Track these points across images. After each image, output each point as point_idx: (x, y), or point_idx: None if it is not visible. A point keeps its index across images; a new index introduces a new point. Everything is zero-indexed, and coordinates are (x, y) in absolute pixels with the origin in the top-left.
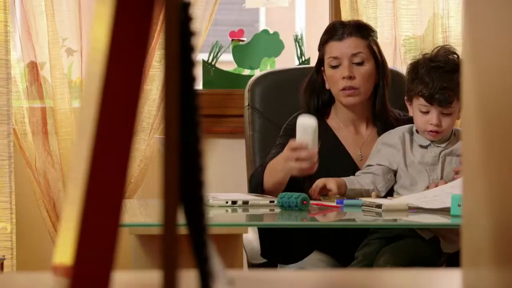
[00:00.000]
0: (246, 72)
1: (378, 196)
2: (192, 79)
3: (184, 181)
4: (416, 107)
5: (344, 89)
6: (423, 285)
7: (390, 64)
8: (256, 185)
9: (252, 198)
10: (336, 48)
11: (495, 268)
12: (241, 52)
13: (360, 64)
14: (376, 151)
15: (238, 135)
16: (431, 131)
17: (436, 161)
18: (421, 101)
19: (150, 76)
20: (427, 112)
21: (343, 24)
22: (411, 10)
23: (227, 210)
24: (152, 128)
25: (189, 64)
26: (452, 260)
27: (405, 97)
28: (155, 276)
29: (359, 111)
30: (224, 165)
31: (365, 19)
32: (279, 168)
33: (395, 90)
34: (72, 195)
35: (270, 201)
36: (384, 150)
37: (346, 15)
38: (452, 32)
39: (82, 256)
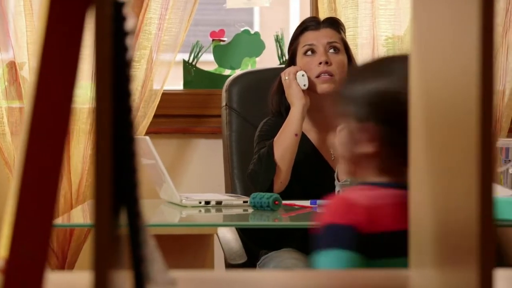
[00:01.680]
0: (227, 72)
1: None
2: (126, 79)
3: (118, 182)
4: None
5: (319, 75)
6: (398, 284)
7: None
8: (267, 167)
9: (225, 198)
10: (312, 36)
11: (438, 269)
12: (221, 52)
13: (336, 52)
14: None
15: (219, 135)
16: None
17: None
18: None
19: None
20: None
21: (315, 18)
22: (389, 10)
23: (200, 211)
24: None
25: (123, 64)
26: None
27: None
28: (88, 276)
29: (329, 109)
30: (205, 166)
31: (343, 19)
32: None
33: None
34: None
35: (244, 201)
36: None
37: (324, 15)
38: None
39: (15, 252)
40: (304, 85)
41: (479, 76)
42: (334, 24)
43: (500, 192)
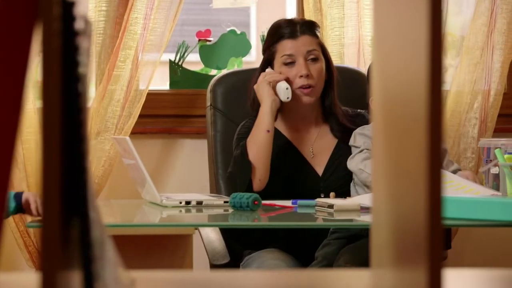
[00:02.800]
0: (213, 72)
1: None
2: (76, 80)
3: (66, 180)
4: None
5: (301, 87)
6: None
7: (353, 65)
8: (242, 167)
9: (206, 198)
10: (291, 45)
11: (394, 269)
12: (208, 52)
13: (315, 61)
14: (359, 138)
15: (204, 135)
16: None
17: None
18: None
19: (114, 76)
20: None
21: (292, 22)
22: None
23: (180, 211)
24: (116, 128)
25: (73, 64)
26: None
27: (371, 99)
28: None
29: (309, 110)
30: (190, 166)
31: (329, 19)
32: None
33: (356, 90)
34: None
35: (225, 202)
36: (364, 138)
37: (309, 15)
38: None
39: None
40: (288, 98)
41: (427, 81)
42: (311, 29)
43: (482, 192)
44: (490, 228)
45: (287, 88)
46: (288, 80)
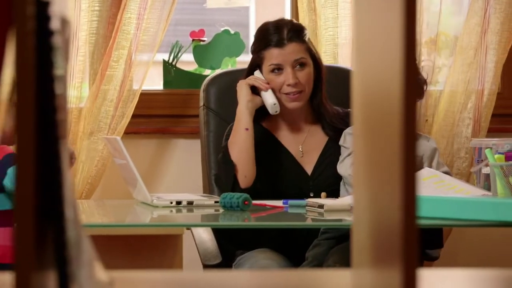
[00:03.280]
0: (207, 72)
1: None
2: (51, 79)
3: (41, 180)
4: None
5: (288, 93)
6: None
7: (347, 65)
8: (226, 167)
9: (197, 198)
10: (278, 54)
11: (372, 269)
12: (202, 52)
13: (303, 66)
14: (348, 138)
15: (198, 135)
16: None
17: None
18: None
19: (107, 76)
20: None
21: (279, 28)
22: None
23: (171, 211)
24: (109, 128)
25: (48, 64)
26: None
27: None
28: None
29: (296, 113)
30: (184, 166)
31: (323, 19)
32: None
33: (350, 89)
34: None
35: (215, 202)
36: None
37: (303, 15)
38: None
39: None
40: (276, 112)
41: (401, 80)
42: (298, 35)
43: (473, 192)
44: (483, 229)
45: (274, 104)
46: (273, 89)
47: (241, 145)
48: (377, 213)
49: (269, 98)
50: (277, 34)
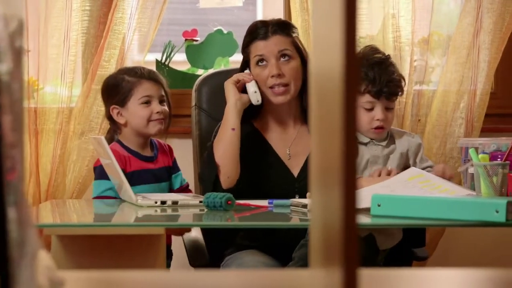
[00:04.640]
0: (200, 72)
1: None
2: None
3: None
4: (359, 106)
5: (273, 87)
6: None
7: None
8: (209, 167)
9: (181, 198)
10: (262, 46)
11: (322, 269)
12: (194, 52)
13: (287, 60)
14: None
15: (190, 135)
16: (377, 127)
17: (376, 159)
18: (367, 97)
19: (98, 76)
20: (371, 109)
21: (265, 23)
22: (361, 10)
23: (156, 210)
24: (100, 128)
25: None
26: (391, 257)
27: None
28: None
29: (286, 110)
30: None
31: None
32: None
33: None
34: None
35: (200, 201)
36: None
37: (296, 15)
38: (403, 32)
39: None
40: (258, 101)
41: (342, 76)
42: (283, 28)
43: (458, 191)
44: (475, 229)
45: (255, 92)
46: (258, 82)
47: (226, 146)
48: (325, 215)
49: (251, 87)
50: (263, 28)
